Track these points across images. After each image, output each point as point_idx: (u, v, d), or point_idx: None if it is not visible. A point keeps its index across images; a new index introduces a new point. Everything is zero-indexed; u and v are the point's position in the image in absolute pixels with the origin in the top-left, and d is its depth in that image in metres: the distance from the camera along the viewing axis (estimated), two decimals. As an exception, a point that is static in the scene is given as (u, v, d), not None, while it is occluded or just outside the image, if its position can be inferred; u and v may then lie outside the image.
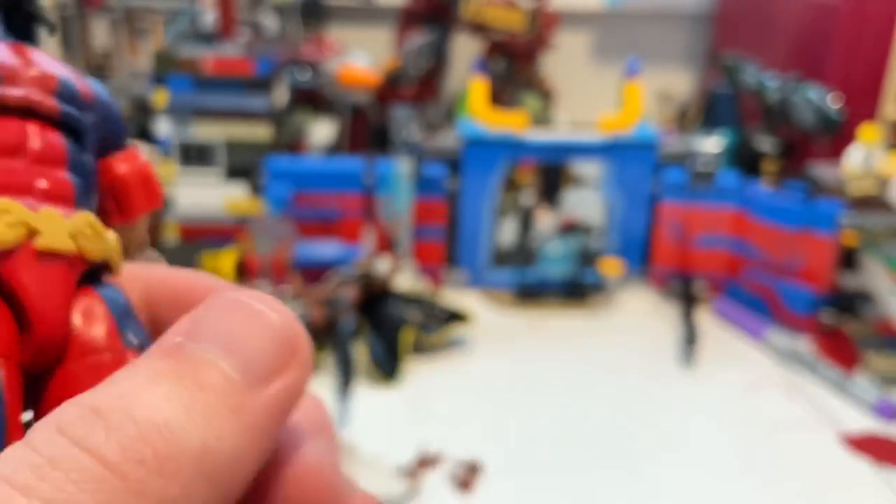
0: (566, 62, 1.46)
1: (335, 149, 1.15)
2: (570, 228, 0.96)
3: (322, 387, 0.70)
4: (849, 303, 0.86)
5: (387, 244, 0.90)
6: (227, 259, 0.85)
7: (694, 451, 0.64)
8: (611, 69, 1.42)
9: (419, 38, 1.18)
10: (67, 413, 0.11)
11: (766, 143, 1.06)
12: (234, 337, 0.12)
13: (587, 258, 0.92)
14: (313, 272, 0.86)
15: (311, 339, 0.13)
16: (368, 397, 0.67)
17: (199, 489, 0.11)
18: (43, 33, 0.18)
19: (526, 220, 0.97)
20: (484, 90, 1.00)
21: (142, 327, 0.14)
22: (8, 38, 0.16)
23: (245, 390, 0.12)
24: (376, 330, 0.74)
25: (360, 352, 0.72)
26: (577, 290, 0.91)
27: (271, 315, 0.12)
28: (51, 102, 0.14)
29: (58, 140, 0.14)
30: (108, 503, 0.10)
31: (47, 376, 0.13)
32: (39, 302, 0.13)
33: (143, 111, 1.06)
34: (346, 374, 0.67)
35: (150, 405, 0.11)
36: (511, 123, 0.93)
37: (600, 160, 0.96)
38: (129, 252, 0.16)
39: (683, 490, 0.60)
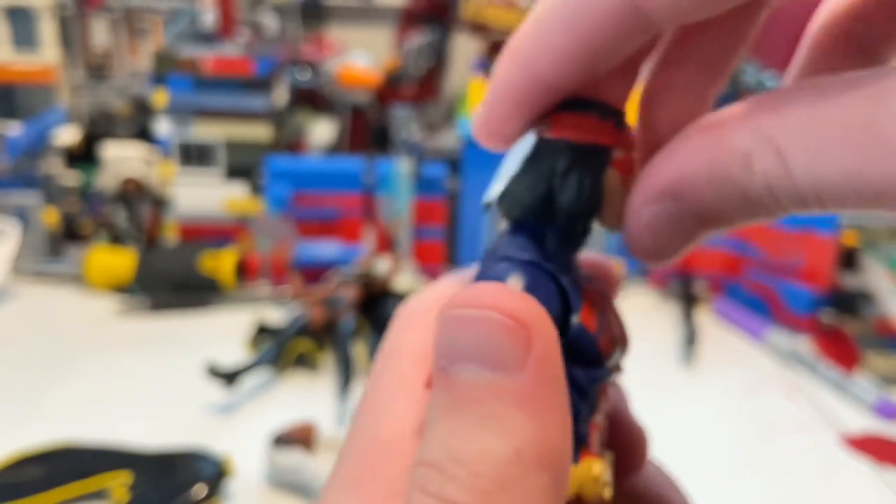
0: (566, 62, 1.46)
1: (335, 149, 1.15)
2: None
3: (322, 387, 0.70)
4: (849, 303, 0.86)
5: (387, 244, 0.90)
6: (227, 259, 0.85)
7: (693, 451, 0.64)
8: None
9: (419, 38, 1.18)
10: (418, 473, 0.13)
11: (766, 143, 1.06)
12: (472, 345, 0.13)
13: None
14: (313, 272, 0.86)
15: (311, 339, 0.14)
16: (368, 397, 0.67)
17: (537, 479, 0.13)
18: None
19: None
20: (484, 90, 1.00)
21: None
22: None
23: (511, 380, 0.13)
24: (376, 330, 0.74)
25: (360, 352, 0.72)
26: (577, 290, 0.91)
27: (484, 314, 0.13)
28: None
29: None
30: None
31: None
32: None
33: (143, 111, 1.06)
34: (346, 374, 0.67)
35: (461, 444, 0.13)
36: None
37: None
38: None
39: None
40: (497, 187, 0.18)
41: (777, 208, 0.15)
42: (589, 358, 0.17)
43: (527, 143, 0.18)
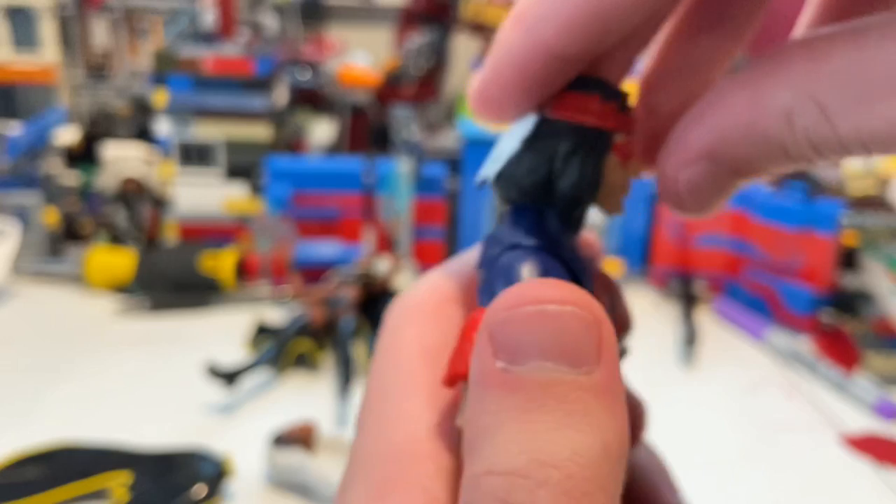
0: (566, 62, 1.46)
1: (335, 149, 1.15)
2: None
3: (322, 387, 0.70)
4: (849, 303, 0.86)
5: (387, 244, 0.90)
6: (227, 259, 0.85)
7: (693, 451, 0.64)
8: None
9: (419, 38, 1.18)
10: (494, 484, 0.12)
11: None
12: (548, 342, 0.13)
13: (587, 258, 0.91)
14: (313, 272, 0.86)
15: (311, 339, 0.13)
16: (368, 397, 0.67)
17: (620, 472, 0.13)
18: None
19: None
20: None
21: None
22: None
23: (591, 375, 0.13)
24: (376, 330, 0.74)
25: (360, 352, 0.72)
26: (577, 290, 0.91)
27: (563, 309, 0.13)
28: None
29: None
30: None
31: None
32: None
33: (143, 111, 1.06)
34: (346, 374, 0.67)
35: (546, 445, 0.12)
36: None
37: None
38: None
39: (682, 490, 0.60)
40: (493, 166, 0.17)
41: (818, 158, 0.15)
42: None
43: (527, 122, 0.17)
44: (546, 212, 0.17)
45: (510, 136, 0.18)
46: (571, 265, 0.16)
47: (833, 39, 0.14)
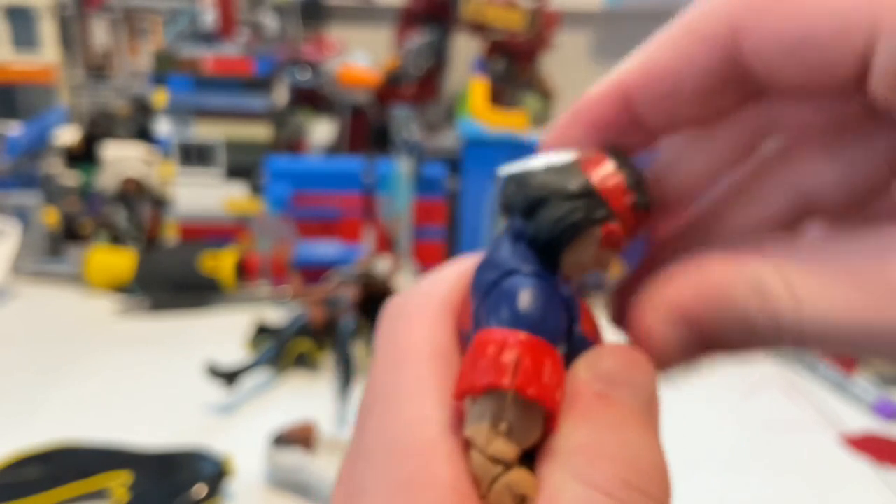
0: (566, 62, 1.46)
1: (335, 149, 1.15)
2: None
3: (322, 387, 0.70)
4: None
5: (387, 244, 0.90)
6: (227, 259, 0.85)
7: (693, 451, 0.64)
8: (611, 69, 1.42)
9: (419, 38, 1.18)
10: (618, 472, 0.15)
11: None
12: (634, 380, 0.17)
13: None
14: (313, 272, 0.86)
15: (311, 339, 0.14)
16: (368, 397, 0.67)
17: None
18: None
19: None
20: (484, 90, 1.00)
21: None
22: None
23: (652, 411, 0.17)
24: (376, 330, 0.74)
25: (360, 352, 0.72)
26: (577, 290, 0.91)
27: (645, 359, 0.17)
28: None
29: None
30: None
31: None
32: None
33: (143, 111, 1.06)
34: (346, 374, 0.67)
35: (652, 454, 0.16)
36: (511, 123, 0.93)
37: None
38: None
39: (682, 490, 0.60)
40: (517, 168, 0.18)
41: (779, 342, 0.16)
42: None
43: (568, 154, 0.18)
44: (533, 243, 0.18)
45: (548, 155, 0.19)
46: (562, 292, 0.17)
47: (810, 237, 0.16)
